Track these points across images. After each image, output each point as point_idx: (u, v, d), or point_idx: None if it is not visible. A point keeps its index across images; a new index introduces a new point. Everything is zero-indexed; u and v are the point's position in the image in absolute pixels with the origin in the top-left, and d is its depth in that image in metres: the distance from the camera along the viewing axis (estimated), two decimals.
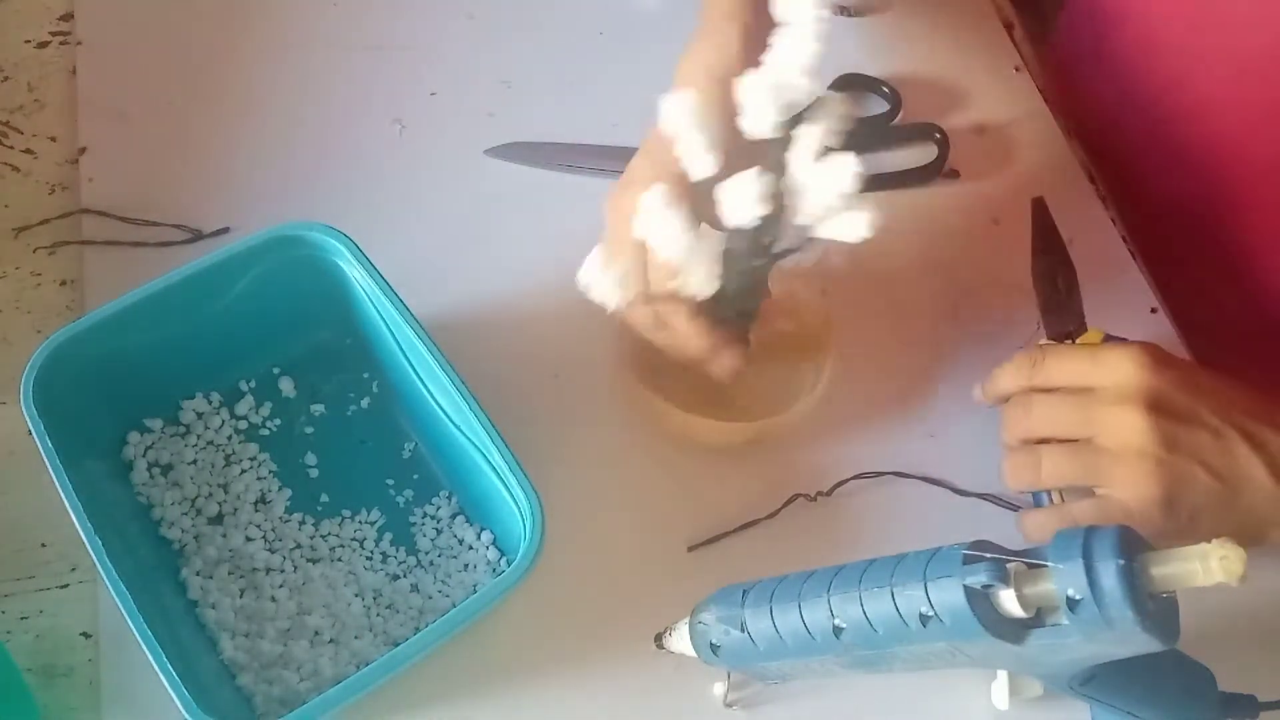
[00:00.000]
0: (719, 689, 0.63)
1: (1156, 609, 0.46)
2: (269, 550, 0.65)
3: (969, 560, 0.48)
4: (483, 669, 0.63)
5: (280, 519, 0.66)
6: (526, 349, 0.72)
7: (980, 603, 0.48)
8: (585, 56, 0.84)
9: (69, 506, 0.56)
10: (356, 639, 0.62)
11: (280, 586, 0.64)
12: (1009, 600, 0.48)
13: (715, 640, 0.57)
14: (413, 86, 0.82)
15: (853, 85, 0.83)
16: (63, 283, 0.73)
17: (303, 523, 0.66)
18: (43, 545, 0.65)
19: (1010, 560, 0.48)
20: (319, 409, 0.69)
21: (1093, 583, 0.46)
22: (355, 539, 0.66)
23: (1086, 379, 0.63)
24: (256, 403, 0.68)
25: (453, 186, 0.78)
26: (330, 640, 0.62)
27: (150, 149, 0.78)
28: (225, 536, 0.65)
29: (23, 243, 0.74)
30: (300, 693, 0.60)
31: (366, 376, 0.70)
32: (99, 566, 0.55)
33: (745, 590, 0.56)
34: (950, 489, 0.70)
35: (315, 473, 0.67)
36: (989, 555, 0.48)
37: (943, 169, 0.80)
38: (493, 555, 0.65)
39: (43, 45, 0.82)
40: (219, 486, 0.66)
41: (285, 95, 0.81)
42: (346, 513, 0.66)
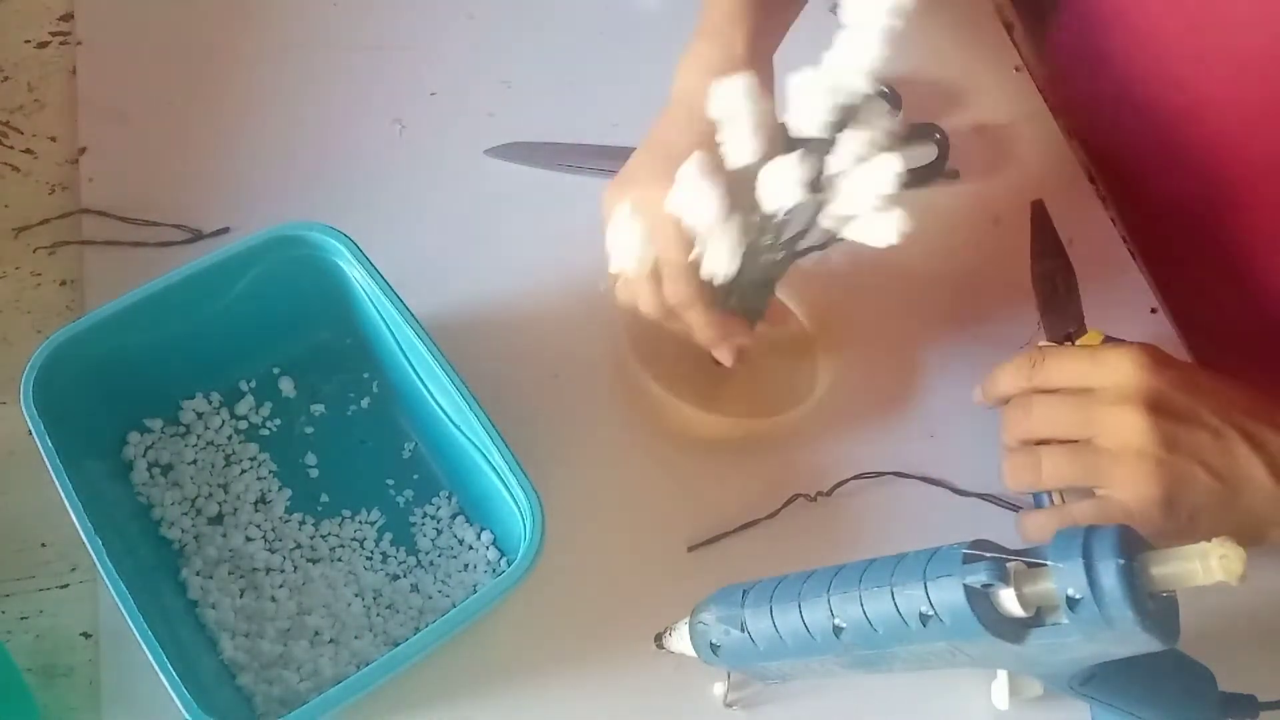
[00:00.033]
0: (719, 689, 0.63)
1: (1156, 608, 0.46)
2: (269, 550, 0.64)
3: (969, 560, 0.48)
4: (483, 669, 0.63)
5: (280, 519, 0.66)
6: (526, 349, 0.72)
7: (980, 602, 0.48)
8: (585, 56, 0.84)
9: (69, 506, 0.56)
10: (356, 639, 0.62)
11: (280, 586, 0.64)
12: (1009, 599, 0.48)
13: (715, 640, 0.57)
14: (413, 86, 0.82)
15: None
16: (63, 283, 0.73)
17: (303, 523, 0.66)
18: (43, 545, 0.65)
19: (1010, 560, 0.48)
20: (319, 409, 0.69)
21: (1093, 582, 0.46)
22: (355, 539, 0.66)
23: (1086, 380, 0.63)
24: (256, 403, 0.68)
25: (453, 186, 0.78)
26: (330, 640, 0.62)
27: (150, 149, 0.78)
28: (225, 536, 0.65)
29: (23, 243, 0.74)
30: (300, 693, 0.60)
31: (366, 376, 0.70)
32: (99, 566, 0.55)
33: (745, 590, 0.56)
34: (950, 489, 0.70)
35: (315, 473, 0.67)
36: (989, 555, 0.48)
37: (943, 169, 0.80)
38: (493, 555, 0.65)
39: (43, 45, 0.82)
40: (219, 486, 0.66)
41: (285, 95, 0.81)
42: (346, 513, 0.66)
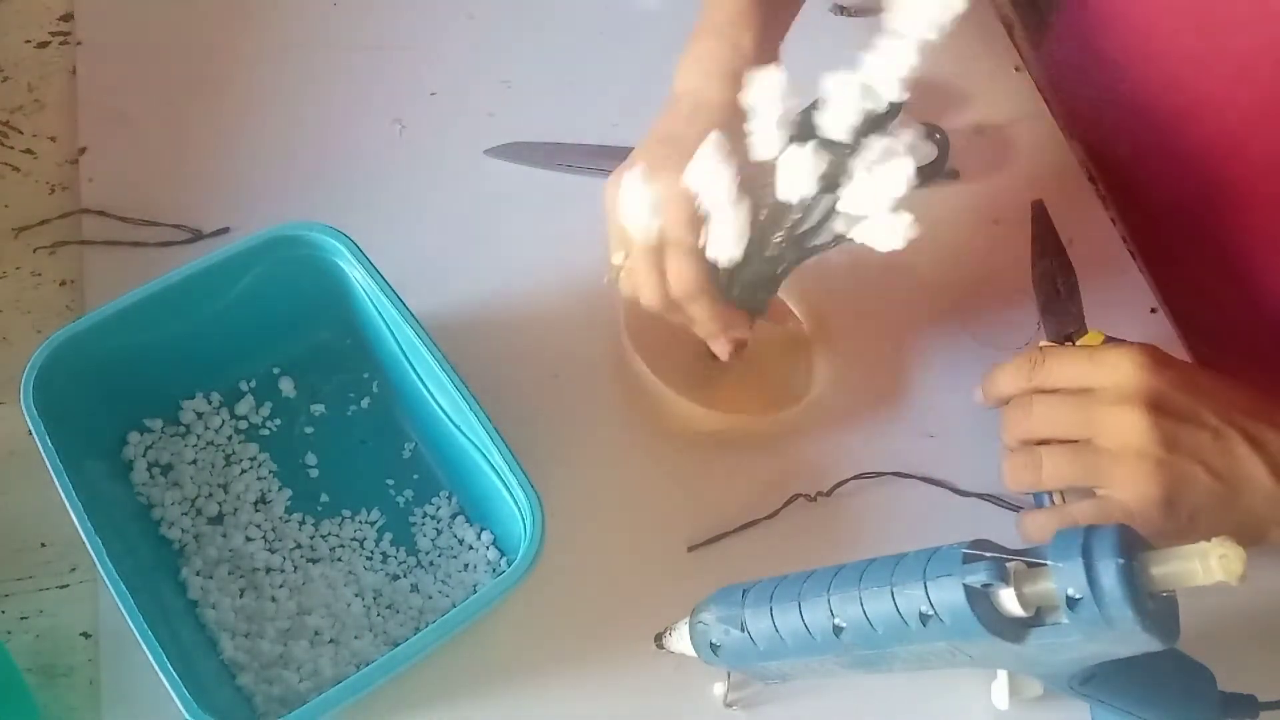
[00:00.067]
0: (719, 689, 0.63)
1: (1156, 608, 0.46)
2: (269, 550, 0.65)
3: (969, 559, 0.48)
4: (483, 669, 0.63)
5: (280, 519, 0.66)
6: (526, 349, 0.72)
7: (980, 602, 0.48)
8: (585, 56, 0.84)
9: (69, 506, 0.56)
10: (356, 639, 0.62)
11: (280, 586, 0.64)
12: (1009, 599, 0.48)
13: (715, 640, 0.57)
14: (413, 86, 0.82)
15: None
16: (63, 283, 0.73)
17: (303, 523, 0.66)
18: (43, 545, 0.65)
19: (1010, 559, 0.48)
20: (319, 409, 0.69)
21: (1092, 582, 0.46)
22: (355, 539, 0.66)
23: (1086, 380, 0.63)
24: (256, 403, 0.68)
25: (453, 186, 0.78)
26: (330, 640, 0.62)
27: (150, 149, 0.78)
28: (225, 536, 0.65)
29: (23, 243, 0.74)
30: (300, 693, 0.60)
31: (366, 376, 0.70)
32: (99, 566, 0.55)
33: (745, 590, 0.56)
34: (950, 489, 0.70)
35: (315, 473, 0.67)
36: (989, 555, 0.48)
37: (943, 169, 0.80)
38: (493, 555, 0.65)
39: (43, 45, 0.82)
40: (219, 486, 0.66)
41: (285, 95, 0.81)
42: (346, 513, 0.66)
